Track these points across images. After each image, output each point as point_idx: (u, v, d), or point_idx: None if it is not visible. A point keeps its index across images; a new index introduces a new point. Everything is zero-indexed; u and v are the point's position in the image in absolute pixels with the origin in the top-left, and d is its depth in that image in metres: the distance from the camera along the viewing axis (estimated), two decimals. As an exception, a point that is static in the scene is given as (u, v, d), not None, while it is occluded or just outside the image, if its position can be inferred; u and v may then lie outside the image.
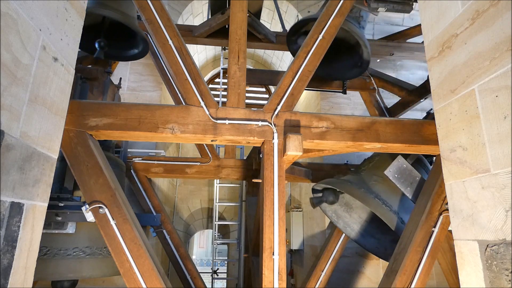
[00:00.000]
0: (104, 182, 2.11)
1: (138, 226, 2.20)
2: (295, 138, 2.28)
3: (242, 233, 6.11)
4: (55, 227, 2.32)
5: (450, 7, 1.84)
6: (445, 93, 1.90)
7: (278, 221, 2.20)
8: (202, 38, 4.25)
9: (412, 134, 2.49)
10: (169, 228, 4.13)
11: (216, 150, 4.63)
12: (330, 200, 3.56)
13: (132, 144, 4.82)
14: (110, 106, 2.28)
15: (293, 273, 6.65)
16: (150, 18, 2.55)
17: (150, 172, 4.27)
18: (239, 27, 2.75)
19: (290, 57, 7.72)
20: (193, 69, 2.49)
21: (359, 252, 4.81)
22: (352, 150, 2.63)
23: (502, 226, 1.42)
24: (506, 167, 1.41)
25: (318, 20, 2.81)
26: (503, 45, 1.46)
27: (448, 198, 1.85)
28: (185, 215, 8.32)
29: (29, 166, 1.48)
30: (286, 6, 6.91)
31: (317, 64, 2.68)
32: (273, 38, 4.36)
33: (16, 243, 1.39)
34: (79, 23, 1.95)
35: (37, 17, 1.49)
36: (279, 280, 2.08)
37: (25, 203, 1.46)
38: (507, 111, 1.41)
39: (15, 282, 1.39)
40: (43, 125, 1.60)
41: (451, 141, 1.83)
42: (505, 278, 1.38)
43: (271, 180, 2.30)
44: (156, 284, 2.01)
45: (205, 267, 16.46)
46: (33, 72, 1.48)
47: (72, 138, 2.13)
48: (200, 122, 2.34)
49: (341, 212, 3.89)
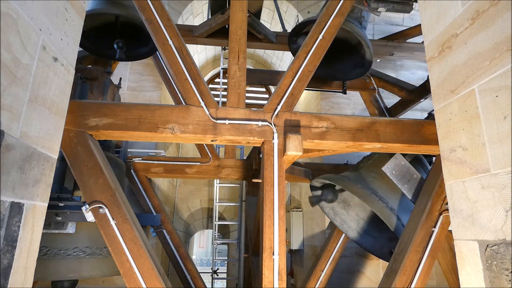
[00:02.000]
0: (104, 182, 2.11)
1: (138, 226, 2.20)
2: (295, 138, 2.28)
3: (242, 233, 6.11)
4: (55, 227, 2.32)
5: (450, 7, 1.84)
6: (445, 93, 1.89)
7: (278, 221, 2.20)
8: (202, 38, 4.24)
9: (412, 134, 2.49)
10: (169, 228, 4.13)
11: (216, 150, 4.63)
12: (329, 198, 3.56)
13: (132, 144, 4.82)
14: (110, 106, 2.28)
15: (293, 273, 6.65)
16: (150, 18, 2.55)
17: (150, 172, 4.27)
18: (239, 27, 2.75)
19: (290, 57, 7.72)
20: (193, 69, 2.49)
21: (359, 252, 4.81)
22: (352, 150, 2.63)
23: (502, 226, 1.42)
24: (506, 167, 1.41)
25: (318, 20, 2.81)
26: (503, 45, 1.46)
27: (448, 198, 1.85)
28: (185, 215, 8.32)
29: (29, 166, 1.48)
30: (286, 6, 6.91)
31: (317, 64, 2.68)
32: (273, 38, 4.36)
33: (16, 243, 1.39)
34: (79, 23, 1.95)
35: (37, 17, 1.49)
36: (279, 280, 2.08)
37: (25, 203, 1.46)
38: (507, 111, 1.41)
39: (15, 282, 1.39)
40: (43, 125, 1.60)
41: (451, 141, 1.83)
42: (505, 278, 1.38)
43: (271, 180, 2.30)
44: (156, 284, 2.01)
45: (205, 267, 16.46)
46: (33, 72, 1.48)
47: (72, 138, 2.13)
48: (200, 122, 2.34)
49: (339, 209, 3.89)
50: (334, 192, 3.58)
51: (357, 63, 3.93)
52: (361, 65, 3.88)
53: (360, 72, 3.96)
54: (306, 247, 6.01)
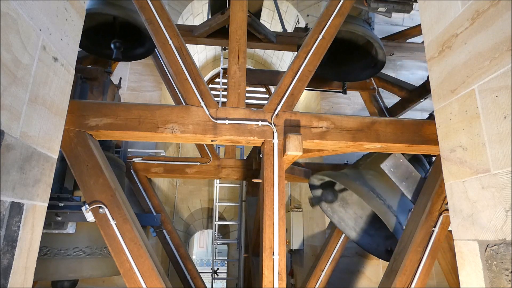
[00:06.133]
0: (104, 182, 2.11)
1: (138, 226, 2.20)
2: (295, 138, 2.28)
3: (242, 233, 6.10)
4: (55, 227, 2.32)
5: (450, 7, 1.84)
6: (445, 93, 1.89)
7: (278, 221, 2.20)
8: (202, 38, 4.24)
9: (412, 134, 2.49)
10: (169, 228, 4.13)
11: (216, 150, 4.63)
12: (328, 199, 3.57)
13: (132, 144, 4.82)
14: (110, 106, 2.28)
15: (293, 273, 6.64)
16: (150, 18, 2.55)
17: (150, 172, 4.27)
18: (239, 27, 2.75)
19: (290, 57, 7.72)
20: (193, 69, 2.49)
21: (359, 252, 4.81)
22: (352, 150, 2.63)
23: (502, 226, 1.42)
24: (506, 167, 1.41)
25: (318, 20, 2.81)
26: (503, 45, 1.46)
27: (448, 198, 1.85)
28: (185, 215, 8.32)
29: (29, 166, 1.48)
30: (286, 6, 6.92)
31: (317, 64, 2.68)
32: (273, 38, 4.36)
33: (16, 243, 1.39)
34: (79, 23, 1.95)
35: (37, 17, 1.49)
36: (279, 280, 2.08)
37: (25, 203, 1.46)
38: (507, 111, 1.41)
39: (15, 282, 1.39)
40: (43, 125, 1.60)
41: (451, 141, 1.83)
42: (505, 278, 1.38)
43: (271, 180, 2.29)
44: (156, 284, 2.01)
45: (205, 267, 16.46)
46: (33, 72, 1.48)
47: (72, 138, 2.13)
48: (200, 122, 2.34)
49: (337, 207, 3.90)
50: (334, 192, 3.58)
51: (368, 64, 3.97)
52: (372, 66, 3.92)
53: (372, 72, 4.00)
54: (306, 247, 6.01)
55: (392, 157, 2.83)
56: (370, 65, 3.94)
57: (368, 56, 3.95)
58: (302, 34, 4.46)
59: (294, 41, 4.42)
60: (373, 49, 3.77)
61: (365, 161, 3.53)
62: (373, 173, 3.23)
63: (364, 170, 3.34)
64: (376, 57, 3.80)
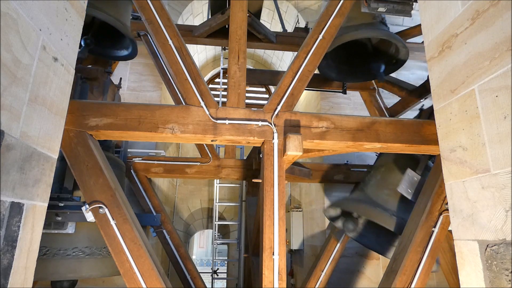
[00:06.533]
0: (104, 182, 2.11)
1: (138, 226, 2.20)
2: (295, 138, 2.28)
3: (242, 233, 6.11)
4: (55, 227, 2.32)
5: (450, 7, 1.84)
6: (445, 93, 1.89)
7: (278, 221, 2.20)
8: (202, 38, 4.25)
9: (412, 134, 2.49)
10: (169, 228, 4.13)
11: (216, 150, 4.63)
12: (350, 228, 3.51)
13: (132, 144, 4.82)
14: (110, 106, 2.28)
15: (293, 273, 6.64)
16: (150, 18, 2.55)
17: (150, 172, 4.27)
18: (239, 27, 2.75)
19: (290, 57, 7.72)
20: (193, 69, 2.49)
21: (359, 252, 4.81)
22: (352, 150, 2.63)
23: (502, 226, 1.42)
24: (506, 167, 1.41)
25: (318, 21, 2.81)
26: (503, 45, 1.46)
27: (448, 198, 1.85)
28: (185, 215, 8.32)
29: (29, 166, 1.48)
30: (286, 6, 6.91)
31: (317, 64, 2.69)
32: (273, 38, 4.36)
33: (16, 243, 1.39)
34: (79, 23, 1.95)
35: (37, 17, 1.49)
36: (279, 280, 2.08)
37: (25, 203, 1.46)
38: (507, 111, 1.41)
39: (15, 282, 1.39)
40: (43, 125, 1.60)
41: (451, 141, 1.83)
42: (505, 278, 1.38)
43: (271, 180, 2.30)
44: (156, 284, 2.01)
45: (205, 267, 16.45)
46: (33, 72, 1.48)
47: (72, 138, 2.13)
48: (200, 122, 2.34)
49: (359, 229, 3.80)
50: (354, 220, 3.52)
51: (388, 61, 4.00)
52: (393, 63, 3.95)
53: (392, 70, 4.03)
54: (306, 247, 6.01)
55: (405, 177, 2.73)
56: (390, 62, 3.98)
57: (386, 54, 3.99)
58: (302, 34, 4.47)
59: (294, 41, 4.42)
60: (393, 48, 3.82)
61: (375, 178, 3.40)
62: (388, 192, 3.13)
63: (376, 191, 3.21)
64: (397, 55, 3.84)
